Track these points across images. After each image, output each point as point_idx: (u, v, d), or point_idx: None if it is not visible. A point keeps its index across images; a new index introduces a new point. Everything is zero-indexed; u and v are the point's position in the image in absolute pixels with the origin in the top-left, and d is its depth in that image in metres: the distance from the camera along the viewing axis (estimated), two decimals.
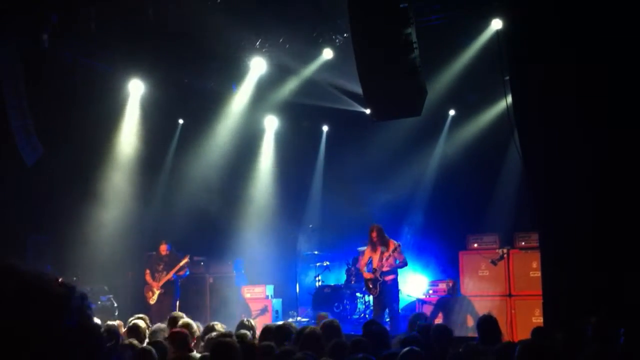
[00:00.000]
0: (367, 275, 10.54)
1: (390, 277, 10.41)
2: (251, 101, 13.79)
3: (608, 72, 6.89)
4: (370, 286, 10.49)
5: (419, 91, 8.50)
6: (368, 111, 10.22)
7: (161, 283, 12.08)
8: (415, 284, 12.49)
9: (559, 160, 7.32)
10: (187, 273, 12.51)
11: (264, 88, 13.57)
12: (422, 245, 13.21)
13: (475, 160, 13.25)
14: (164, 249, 12.27)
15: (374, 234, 10.54)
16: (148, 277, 12.22)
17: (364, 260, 10.75)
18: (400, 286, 11.91)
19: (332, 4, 10.58)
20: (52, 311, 1.06)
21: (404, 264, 10.55)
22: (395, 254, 10.39)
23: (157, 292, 12.07)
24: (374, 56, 8.42)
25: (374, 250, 10.56)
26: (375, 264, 10.41)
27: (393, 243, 10.49)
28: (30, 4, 10.13)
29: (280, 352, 5.03)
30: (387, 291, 10.39)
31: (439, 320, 10.84)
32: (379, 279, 10.33)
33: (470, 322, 10.72)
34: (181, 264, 12.10)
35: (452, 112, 13.95)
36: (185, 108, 14.25)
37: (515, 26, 7.94)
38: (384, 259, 10.36)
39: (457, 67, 12.20)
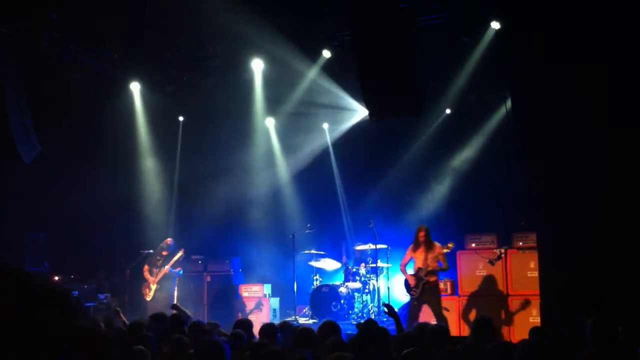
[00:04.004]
0: (409, 276, 10.31)
1: (433, 279, 10.18)
2: (251, 102, 13.77)
3: (608, 72, 6.92)
4: (412, 286, 10.24)
5: (417, 91, 8.53)
6: (367, 111, 10.21)
7: (158, 278, 12.15)
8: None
9: (558, 159, 7.35)
10: (181, 272, 12.52)
11: (264, 88, 13.56)
12: None
13: (473, 159, 13.24)
14: (169, 241, 12.50)
15: (422, 234, 10.26)
16: (146, 274, 12.24)
17: (404, 260, 10.51)
18: (397, 285, 11.95)
19: (332, 3, 10.58)
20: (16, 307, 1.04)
21: (446, 269, 10.41)
22: (440, 258, 10.21)
23: (153, 288, 12.13)
24: (373, 56, 8.44)
25: (416, 249, 10.32)
26: (420, 264, 10.19)
27: (439, 246, 10.27)
28: (31, 3, 10.13)
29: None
30: (431, 293, 10.13)
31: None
32: (423, 278, 10.13)
33: (468, 321, 10.73)
34: (176, 257, 12.21)
35: (450, 112, 13.91)
36: (185, 108, 14.24)
37: (514, 26, 7.97)
38: (429, 260, 10.16)
39: (457, 67, 12.17)
